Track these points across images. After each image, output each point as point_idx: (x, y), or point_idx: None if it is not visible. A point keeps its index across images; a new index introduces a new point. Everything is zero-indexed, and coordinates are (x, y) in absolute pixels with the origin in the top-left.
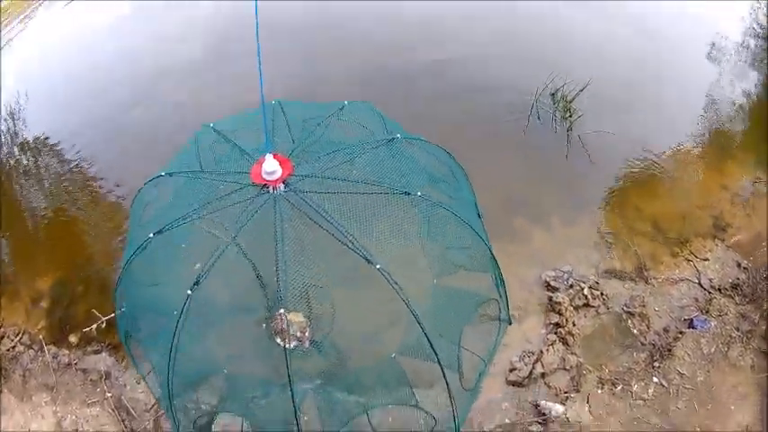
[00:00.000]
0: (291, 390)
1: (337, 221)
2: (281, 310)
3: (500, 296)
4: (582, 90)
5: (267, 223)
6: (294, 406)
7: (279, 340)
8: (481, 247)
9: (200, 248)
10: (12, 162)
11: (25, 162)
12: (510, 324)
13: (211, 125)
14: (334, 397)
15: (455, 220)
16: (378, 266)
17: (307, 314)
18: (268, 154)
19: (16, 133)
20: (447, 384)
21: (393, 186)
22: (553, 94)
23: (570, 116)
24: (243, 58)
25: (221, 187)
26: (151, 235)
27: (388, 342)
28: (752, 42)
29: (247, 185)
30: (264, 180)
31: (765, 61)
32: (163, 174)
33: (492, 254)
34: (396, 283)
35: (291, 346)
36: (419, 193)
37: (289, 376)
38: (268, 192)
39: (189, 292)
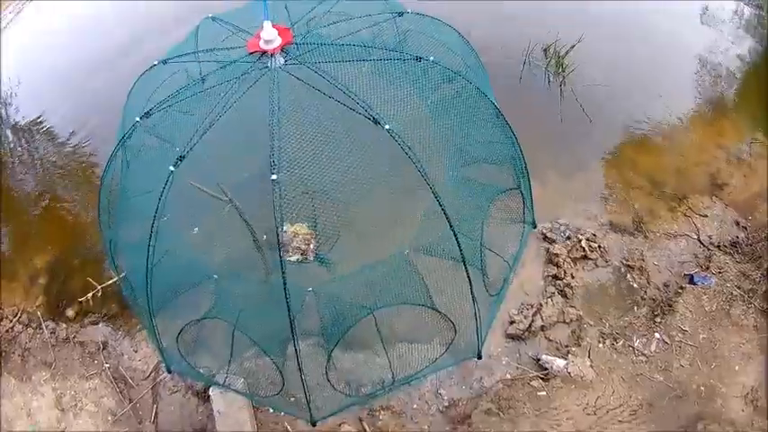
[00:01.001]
0: (288, 300)
1: (342, 84)
2: (285, 225)
3: (522, 192)
4: (573, 46)
5: (265, 96)
6: (290, 316)
7: (282, 251)
8: (502, 132)
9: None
10: (5, 144)
11: (17, 143)
12: (534, 227)
13: (210, 16)
14: (337, 300)
15: (472, 97)
16: (387, 127)
17: (312, 225)
18: (266, 21)
19: (8, 117)
20: (468, 279)
21: (402, 53)
22: (545, 50)
23: (563, 71)
24: None
25: (214, 64)
26: (138, 119)
27: (399, 237)
28: (746, 10)
29: (242, 60)
30: (262, 49)
31: (760, 26)
32: (156, 62)
33: (515, 139)
34: (409, 148)
35: (294, 259)
36: (431, 58)
37: (285, 291)
38: (265, 64)
39: (171, 168)
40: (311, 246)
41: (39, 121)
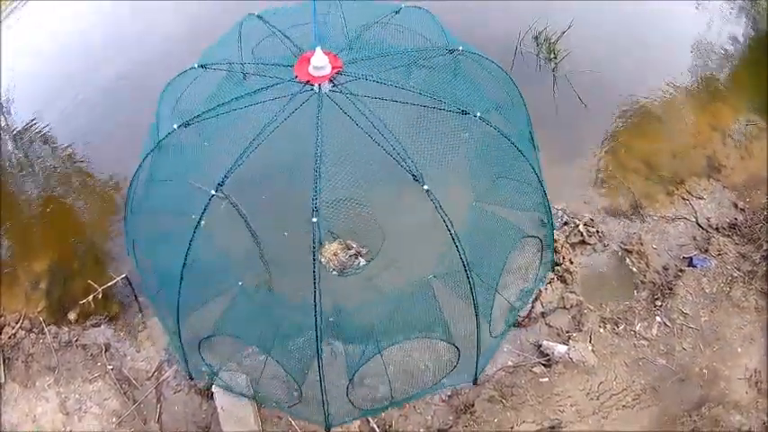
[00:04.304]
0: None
1: (388, 131)
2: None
3: (541, 238)
4: (564, 32)
5: (306, 124)
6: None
7: (348, 269)
8: (533, 182)
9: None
10: (3, 148)
11: (16, 148)
12: (553, 269)
13: (257, 14)
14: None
15: (509, 149)
16: (425, 187)
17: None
18: (317, 47)
19: (6, 121)
20: (476, 315)
21: (451, 102)
22: (536, 37)
23: (555, 57)
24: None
25: (258, 81)
26: (175, 126)
27: (424, 264)
28: None
29: (288, 81)
30: (310, 76)
31: (753, 10)
32: (195, 66)
33: (544, 191)
34: (441, 207)
35: (362, 264)
36: (478, 114)
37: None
38: (312, 89)
39: (213, 192)
40: (355, 249)
41: (37, 125)
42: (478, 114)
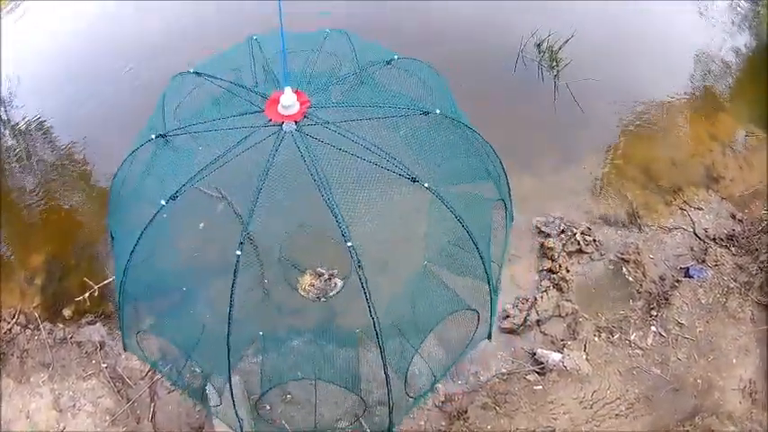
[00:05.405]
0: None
1: (375, 146)
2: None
3: (505, 194)
4: (567, 41)
5: (287, 166)
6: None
7: (330, 293)
8: (482, 152)
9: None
10: (2, 144)
11: (14, 143)
12: (512, 221)
13: (191, 70)
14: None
15: (455, 131)
16: (426, 185)
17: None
18: (286, 87)
19: (7, 117)
20: (488, 277)
21: (408, 107)
22: (538, 45)
23: (557, 65)
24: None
25: (225, 135)
26: (163, 203)
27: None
28: (742, 3)
29: (263, 125)
30: (283, 117)
31: (755, 20)
32: (153, 137)
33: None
34: (441, 198)
35: (337, 291)
36: (438, 111)
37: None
38: (281, 129)
39: (163, 202)
40: (327, 273)
41: (36, 121)
42: (438, 111)
